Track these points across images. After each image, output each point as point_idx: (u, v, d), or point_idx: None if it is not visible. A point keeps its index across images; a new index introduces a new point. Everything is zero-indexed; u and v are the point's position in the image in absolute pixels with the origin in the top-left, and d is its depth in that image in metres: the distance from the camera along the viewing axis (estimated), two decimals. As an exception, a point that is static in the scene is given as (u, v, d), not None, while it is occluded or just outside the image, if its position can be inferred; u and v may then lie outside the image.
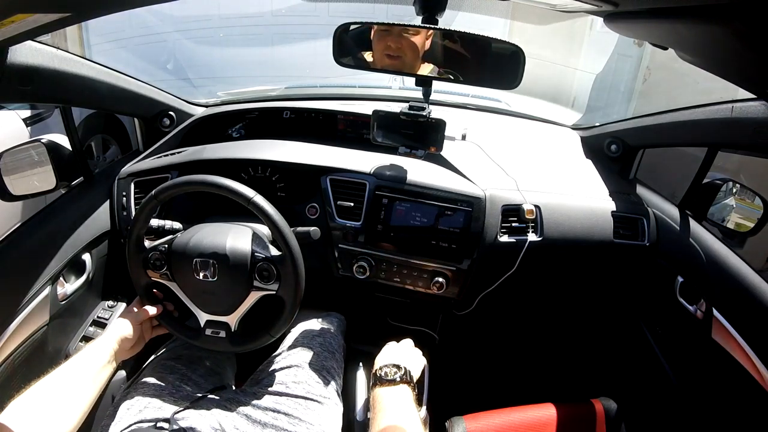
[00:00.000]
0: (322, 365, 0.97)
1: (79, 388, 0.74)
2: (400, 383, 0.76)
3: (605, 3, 0.60)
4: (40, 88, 0.87)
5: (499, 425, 0.99)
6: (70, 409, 0.71)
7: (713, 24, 0.46)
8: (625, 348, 1.35)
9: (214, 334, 0.89)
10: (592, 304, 1.43)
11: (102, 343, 0.83)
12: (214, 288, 0.86)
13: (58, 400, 0.70)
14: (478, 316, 1.18)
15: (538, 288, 1.33)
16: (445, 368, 1.30)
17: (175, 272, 0.88)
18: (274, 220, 0.83)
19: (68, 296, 1.05)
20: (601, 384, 1.39)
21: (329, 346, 1.03)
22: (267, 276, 0.86)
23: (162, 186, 0.86)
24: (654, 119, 1.23)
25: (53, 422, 0.67)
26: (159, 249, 0.88)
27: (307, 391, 0.89)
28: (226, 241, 0.86)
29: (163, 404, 0.80)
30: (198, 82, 3.54)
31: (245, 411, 0.83)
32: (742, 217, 1.15)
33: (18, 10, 0.49)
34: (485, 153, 1.20)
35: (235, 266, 0.85)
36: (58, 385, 0.72)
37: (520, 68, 0.89)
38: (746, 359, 0.91)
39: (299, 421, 0.83)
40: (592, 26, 3.65)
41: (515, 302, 1.45)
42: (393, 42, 0.99)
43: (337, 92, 1.53)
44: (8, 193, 1.03)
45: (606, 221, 1.14)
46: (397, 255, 1.10)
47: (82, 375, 0.76)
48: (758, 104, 0.89)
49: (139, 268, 0.90)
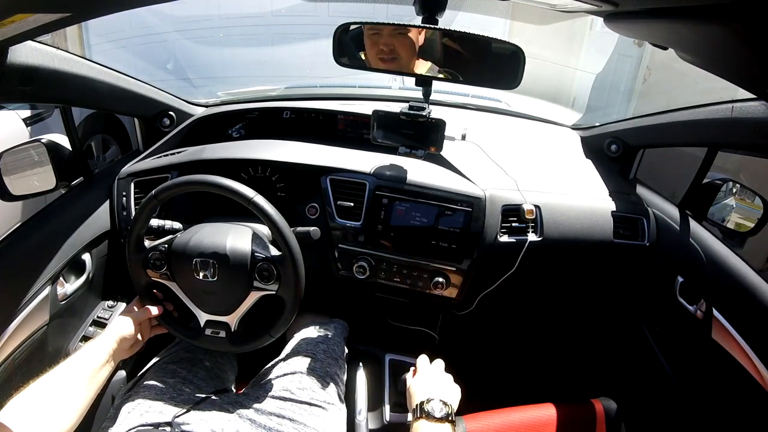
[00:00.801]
0: (326, 371, 0.96)
1: (77, 387, 0.74)
2: (446, 422, 0.76)
3: (605, 3, 0.60)
4: (40, 88, 0.87)
5: (498, 425, 0.99)
6: (68, 408, 0.71)
7: (713, 24, 0.46)
8: (625, 348, 1.35)
9: (213, 334, 0.89)
10: (592, 304, 1.43)
11: (101, 342, 0.83)
12: (214, 288, 0.86)
13: (57, 398, 0.70)
14: (478, 316, 1.18)
15: (538, 288, 1.33)
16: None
17: (175, 272, 0.88)
18: (274, 220, 0.83)
19: (68, 296, 1.05)
20: (601, 384, 1.39)
21: (333, 353, 1.03)
22: (267, 276, 0.86)
23: (162, 186, 0.86)
24: (654, 119, 1.23)
25: (52, 421, 0.67)
26: (159, 249, 0.88)
27: (311, 397, 0.89)
28: (226, 241, 0.86)
29: (164, 407, 0.80)
30: (198, 82, 3.54)
31: (248, 415, 0.83)
32: (742, 217, 1.15)
33: (18, 10, 0.49)
34: (485, 153, 1.20)
35: (235, 266, 0.85)
36: (56, 383, 0.72)
37: (520, 68, 0.89)
38: (746, 359, 0.91)
39: (304, 427, 0.83)
40: (592, 26, 3.65)
41: (515, 302, 1.45)
42: (385, 44, 0.98)
43: (337, 92, 1.53)
44: (8, 193, 1.03)
45: (606, 221, 1.14)
46: (397, 255, 1.10)
47: (81, 374, 0.75)
48: (758, 104, 0.89)
49: (139, 268, 0.89)
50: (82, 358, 0.78)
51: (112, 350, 0.82)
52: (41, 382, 0.71)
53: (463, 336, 1.53)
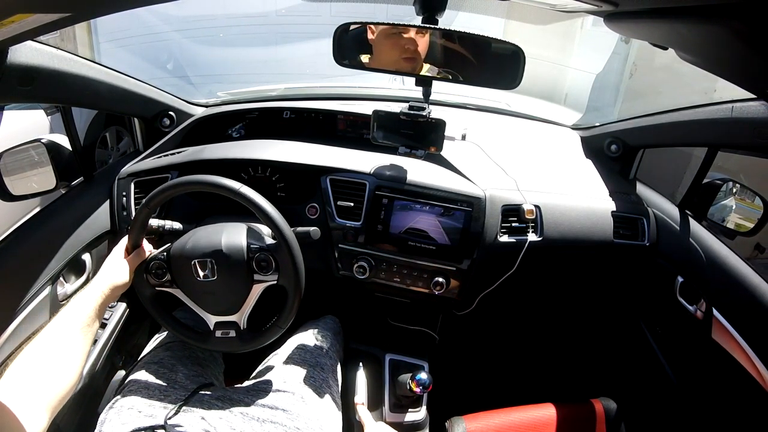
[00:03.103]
0: (317, 361, 0.98)
1: (72, 343, 0.72)
2: None
3: (605, 3, 0.60)
4: (40, 88, 0.87)
5: (499, 425, 1.00)
6: (67, 366, 0.69)
7: (713, 24, 0.46)
8: (625, 348, 1.35)
9: (224, 335, 0.89)
10: (592, 304, 1.43)
11: (91, 292, 0.79)
12: (216, 287, 0.86)
13: (54, 358, 0.69)
14: (478, 316, 1.18)
15: (538, 288, 1.33)
16: (445, 368, 1.30)
17: (176, 277, 0.88)
18: (263, 207, 0.83)
19: (68, 296, 1.05)
20: (601, 384, 1.40)
21: (323, 344, 1.05)
22: (265, 266, 0.86)
23: (152, 194, 0.86)
24: (654, 119, 1.23)
25: (52, 381, 0.66)
26: (158, 258, 0.89)
27: (302, 386, 0.89)
28: (221, 238, 0.87)
29: (153, 410, 0.79)
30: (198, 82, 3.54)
31: (240, 409, 0.83)
32: (742, 217, 1.15)
33: (18, 10, 0.49)
34: (485, 153, 1.20)
35: (232, 261, 0.85)
36: (51, 342, 0.70)
37: (520, 68, 0.89)
38: (746, 359, 0.91)
39: (297, 416, 0.83)
40: (583, 25, 3.65)
41: (515, 302, 1.46)
42: (411, 44, 0.97)
43: (337, 92, 1.53)
44: (8, 193, 1.03)
45: (606, 221, 1.14)
46: (397, 255, 1.10)
47: (74, 328, 0.73)
48: (758, 104, 0.90)
49: (142, 279, 0.90)
50: (73, 312, 0.75)
51: (102, 299, 0.79)
52: (36, 344, 0.69)
53: (463, 336, 1.53)
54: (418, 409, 1.09)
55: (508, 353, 1.58)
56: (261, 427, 0.80)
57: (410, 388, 1.02)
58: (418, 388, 1.01)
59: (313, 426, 0.83)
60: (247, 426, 0.79)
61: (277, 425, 0.80)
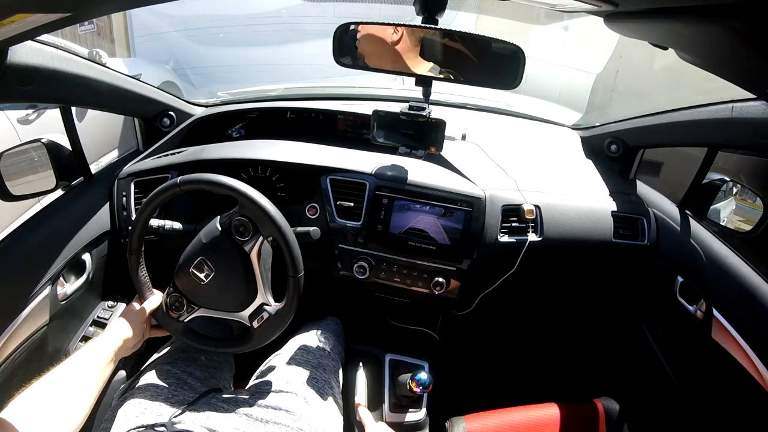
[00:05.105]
0: (319, 363, 0.98)
1: (82, 386, 0.73)
2: None
3: (605, 3, 0.60)
4: (40, 88, 0.87)
5: (499, 425, 1.00)
6: (73, 407, 0.70)
7: (713, 24, 0.46)
8: (625, 348, 1.35)
9: (260, 321, 0.88)
10: (593, 304, 1.43)
11: (104, 340, 0.82)
12: (222, 278, 0.86)
13: (62, 397, 0.69)
14: (478, 316, 1.18)
15: (538, 288, 1.33)
16: (445, 368, 1.30)
17: (192, 299, 0.89)
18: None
19: (68, 296, 1.05)
20: (602, 384, 1.39)
21: (325, 346, 1.05)
22: (243, 230, 0.86)
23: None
24: (654, 119, 1.23)
25: (56, 420, 0.67)
26: (170, 292, 0.90)
27: (306, 388, 0.90)
28: (200, 236, 0.88)
29: (160, 408, 0.80)
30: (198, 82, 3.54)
31: (245, 411, 0.83)
32: (742, 217, 1.15)
33: (18, 10, 0.49)
34: (485, 153, 1.20)
35: (214, 243, 0.86)
36: (61, 382, 0.71)
37: (520, 68, 0.89)
38: (746, 359, 0.91)
39: (300, 417, 0.83)
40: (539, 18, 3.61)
41: (515, 302, 1.45)
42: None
43: (337, 92, 1.53)
44: (8, 193, 1.03)
45: (606, 221, 1.14)
46: (397, 255, 1.10)
47: (85, 372, 0.75)
48: (758, 104, 0.90)
49: (166, 318, 0.91)
50: (85, 357, 0.77)
51: (115, 349, 0.82)
52: (45, 381, 0.70)
53: (464, 336, 1.53)
54: (418, 409, 1.09)
55: (508, 353, 1.58)
56: (264, 428, 0.80)
57: (410, 388, 1.02)
58: (418, 388, 1.01)
59: (315, 427, 0.83)
60: (251, 427, 0.79)
61: (280, 426, 0.80)
